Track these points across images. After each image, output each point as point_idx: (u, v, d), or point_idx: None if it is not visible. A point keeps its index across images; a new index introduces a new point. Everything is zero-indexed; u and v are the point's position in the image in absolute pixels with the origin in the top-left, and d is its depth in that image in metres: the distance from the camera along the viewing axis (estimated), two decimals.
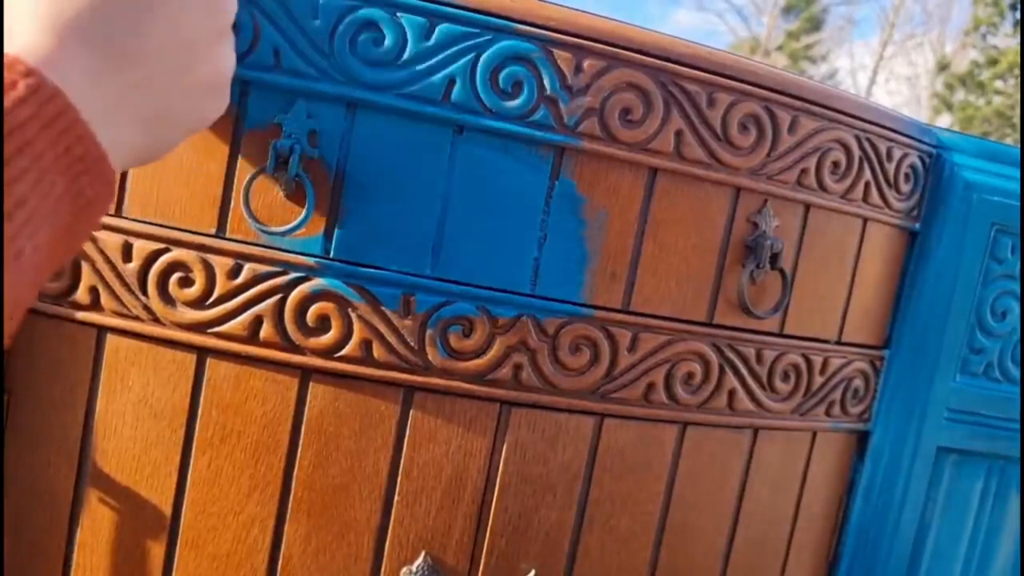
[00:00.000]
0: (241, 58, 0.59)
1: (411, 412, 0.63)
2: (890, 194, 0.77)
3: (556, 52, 0.62)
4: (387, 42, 0.60)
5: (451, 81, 0.61)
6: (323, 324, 0.62)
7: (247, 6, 0.59)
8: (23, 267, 0.31)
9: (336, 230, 0.61)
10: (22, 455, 0.64)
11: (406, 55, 0.60)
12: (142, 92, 0.40)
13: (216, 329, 0.61)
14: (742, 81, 0.66)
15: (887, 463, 0.83)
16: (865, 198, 0.75)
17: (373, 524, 0.64)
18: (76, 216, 0.35)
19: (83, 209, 0.36)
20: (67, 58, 0.36)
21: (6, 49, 0.35)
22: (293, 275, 0.61)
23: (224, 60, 0.46)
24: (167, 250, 0.61)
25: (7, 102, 0.31)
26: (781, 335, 0.73)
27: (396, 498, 0.64)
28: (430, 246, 0.62)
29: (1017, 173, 0.83)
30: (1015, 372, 0.86)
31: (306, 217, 0.59)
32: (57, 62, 0.36)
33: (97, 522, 0.64)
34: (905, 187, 0.78)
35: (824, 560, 0.84)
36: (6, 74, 0.32)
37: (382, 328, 0.62)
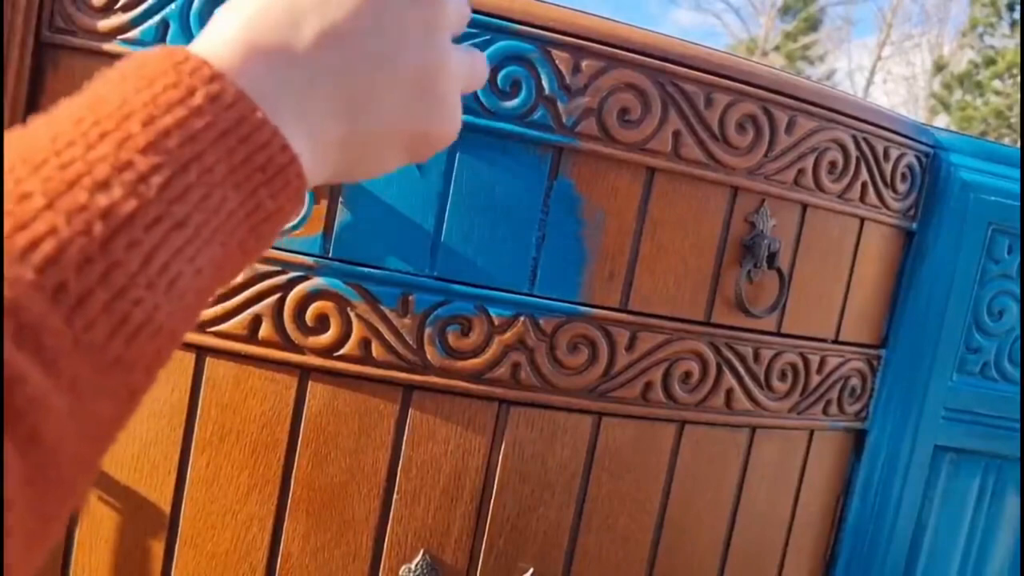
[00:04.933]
0: None
1: (410, 411, 0.64)
2: (887, 194, 0.77)
3: (554, 52, 0.62)
4: None
5: None
6: (322, 323, 0.62)
7: None
8: (179, 293, 0.29)
9: (335, 229, 0.62)
10: None
11: None
12: (340, 81, 0.37)
13: (215, 328, 0.62)
14: (740, 81, 0.67)
15: (884, 461, 0.83)
16: (862, 198, 0.75)
17: (372, 522, 0.64)
18: (252, 231, 0.33)
19: (261, 223, 0.33)
20: (256, 55, 0.34)
21: (202, 46, 0.34)
22: (292, 274, 0.61)
23: (441, 58, 0.41)
24: None
25: (183, 112, 0.30)
26: (778, 334, 0.73)
27: (395, 496, 0.64)
28: (428, 245, 0.62)
29: (1014, 173, 0.84)
30: (1012, 371, 0.87)
31: (305, 216, 0.60)
32: (245, 61, 0.34)
33: (96, 521, 0.64)
34: (902, 187, 0.79)
35: (822, 557, 0.84)
36: (187, 80, 0.31)
37: (381, 327, 0.62)
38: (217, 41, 0.34)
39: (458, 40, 0.63)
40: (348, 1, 0.37)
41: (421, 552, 0.65)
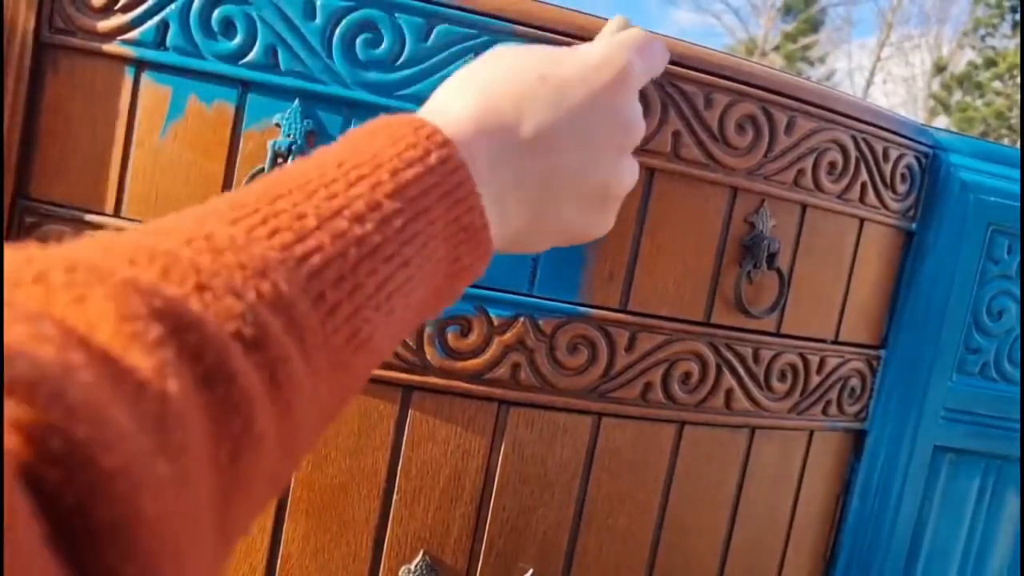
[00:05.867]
0: (239, 58, 0.60)
1: (409, 411, 0.64)
2: (886, 194, 0.77)
3: None
4: (385, 43, 0.60)
5: None
6: None
7: (245, 6, 0.59)
8: (392, 323, 0.33)
9: None
10: None
11: (404, 56, 0.60)
12: (538, 183, 0.42)
13: None
14: (739, 82, 0.67)
15: (884, 462, 0.83)
16: (862, 198, 0.75)
17: (372, 523, 0.64)
18: (448, 279, 0.38)
19: (456, 274, 0.38)
20: (481, 136, 0.39)
21: (435, 118, 0.39)
22: None
23: (623, 178, 0.47)
24: None
25: (420, 168, 0.35)
26: (778, 335, 0.73)
27: (395, 497, 0.64)
28: None
29: (1014, 173, 0.84)
30: (1012, 372, 0.87)
31: None
32: (471, 138, 0.39)
33: None
34: (901, 187, 0.79)
35: (821, 558, 0.84)
36: (424, 143, 0.36)
37: None
38: (449, 115, 0.39)
39: (451, 43, 0.64)
40: (567, 112, 0.43)
41: (421, 553, 0.65)
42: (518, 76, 0.42)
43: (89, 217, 0.62)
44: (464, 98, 0.40)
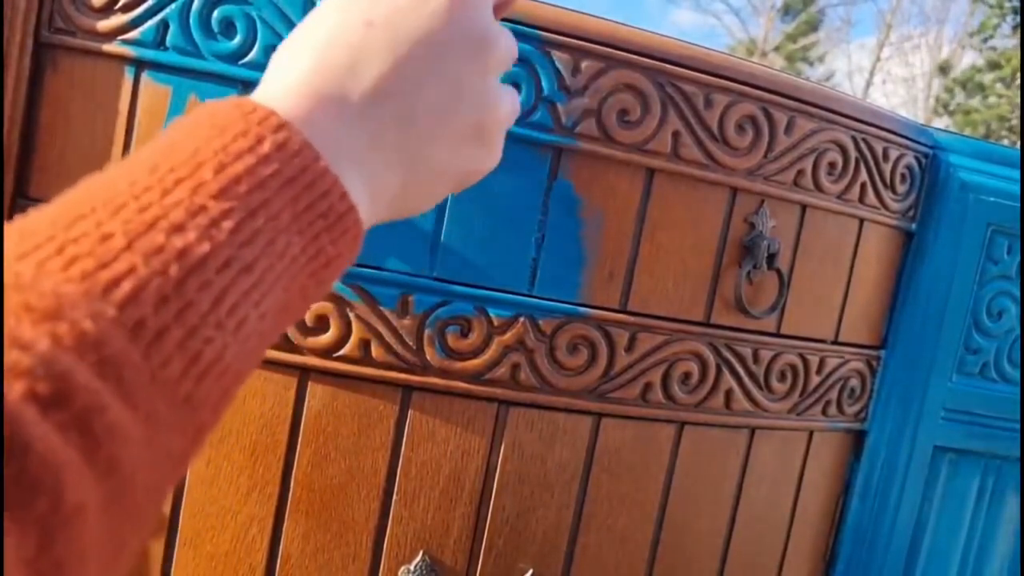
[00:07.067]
0: (239, 58, 0.60)
1: (409, 412, 0.64)
2: (886, 194, 0.77)
3: (554, 53, 0.62)
4: None
5: None
6: (322, 324, 0.62)
7: (245, 6, 0.59)
8: (245, 335, 0.30)
9: None
10: None
11: None
12: (401, 128, 0.38)
13: None
14: (739, 82, 0.67)
15: (884, 462, 0.83)
16: (861, 199, 0.75)
17: (371, 523, 0.64)
18: (312, 276, 0.34)
19: (322, 268, 0.34)
20: (322, 104, 0.36)
21: (271, 94, 0.35)
22: None
23: (497, 104, 0.43)
24: None
25: (252, 159, 0.31)
26: (778, 335, 0.73)
27: (394, 497, 0.64)
28: (428, 246, 0.62)
29: (1013, 173, 0.84)
30: (1011, 372, 0.87)
31: None
32: (313, 109, 0.35)
33: None
34: (901, 187, 0.79)
35: (821, 558, 0.84)
36: (256, 129, 0.32)
37: (380, 328, 0.62)
38: (280, 89, 0.36)
39: None
40: (407, 51, 0.38)
41: (420, 553, 0.65)
42: (345, 26, 0.38)
43: None
44: (298, 64, 0.36)
